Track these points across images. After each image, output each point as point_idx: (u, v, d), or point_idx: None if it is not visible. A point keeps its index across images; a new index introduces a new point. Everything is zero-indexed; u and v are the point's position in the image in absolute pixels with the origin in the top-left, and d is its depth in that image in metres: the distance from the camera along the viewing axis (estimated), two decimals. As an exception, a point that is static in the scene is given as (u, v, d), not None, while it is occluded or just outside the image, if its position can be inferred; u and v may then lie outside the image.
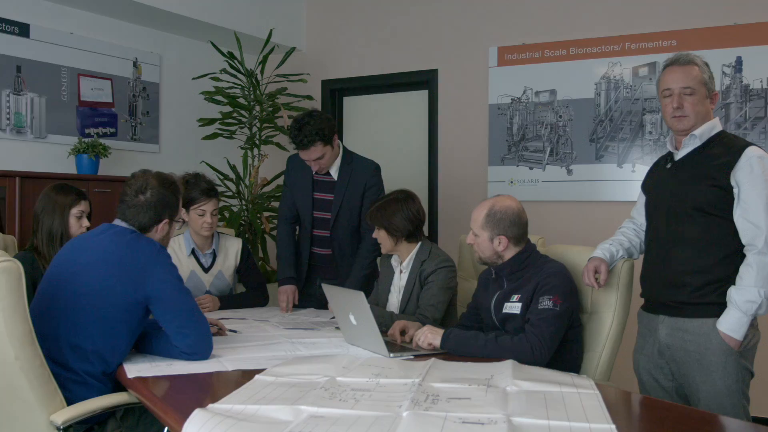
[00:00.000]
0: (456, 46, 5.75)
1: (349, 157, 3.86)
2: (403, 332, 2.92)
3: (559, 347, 2.67)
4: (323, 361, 2.43)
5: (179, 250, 3.77)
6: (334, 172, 3.80)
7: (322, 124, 3.60)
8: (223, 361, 2.53)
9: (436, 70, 5.83)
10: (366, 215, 3.49)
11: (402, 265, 3.45)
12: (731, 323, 2.52)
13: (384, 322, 3.09)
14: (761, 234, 2.49)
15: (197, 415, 1.75)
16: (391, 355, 2.57)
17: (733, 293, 2.52)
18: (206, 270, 3.81)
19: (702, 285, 2.60)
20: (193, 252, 3.79)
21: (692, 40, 4.85)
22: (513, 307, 2.78)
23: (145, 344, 2.65)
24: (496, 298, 2.89)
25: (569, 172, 5.28)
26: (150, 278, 2.47)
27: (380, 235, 3.40)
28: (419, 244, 3.42)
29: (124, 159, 5.31)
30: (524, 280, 2.82)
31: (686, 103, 2.65)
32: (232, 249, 3.92)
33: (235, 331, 3.12)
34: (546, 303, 2.65)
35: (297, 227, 4.02)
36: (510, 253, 2.87)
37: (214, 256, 3.85)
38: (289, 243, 3.94)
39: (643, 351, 2.82)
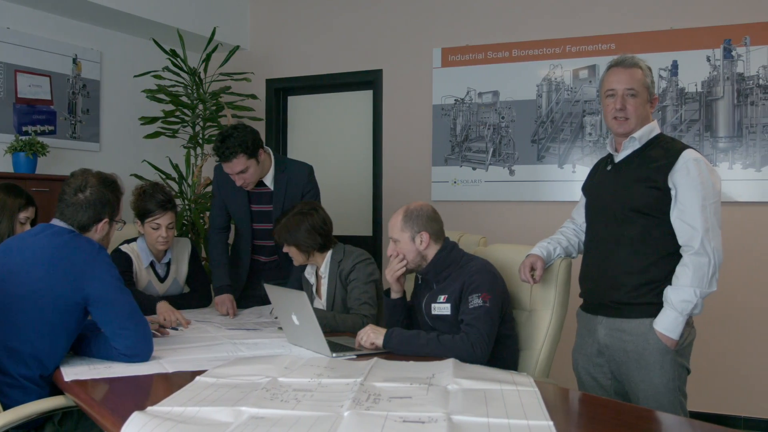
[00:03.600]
0: (400, 47, 5.78)
1: (282, 164, 3.81)
2: None
3: (495, 344, 2.71)
4: (265, 362, 2.43)
5: (137, 261, 3.69)
6: (270, 182, 3.75)
7: (246, 136, 3.53)
8: (163, 362, 2.50)
9: (381, 70, 5.85)
10: (273, 233, 3.45)
11: (320, 272, 3.46)
12: (667, 323, 2.57)
13: (327, 322, 3.09)
14: (697, 235, 2.54)
15: (136, 417, 1.73)
16: (334, 355, 2.58)
17: (669, 293, 2.58)
18: (162, 280, 3.77)
19: (639, 285, 2.65)
20: (150, 264, 3.73)
21: (630, 43, 4.96)
22: (442, 308, 2.82)
23: (83, 346, 2.60)
24: (426, 299, 2.92)
25: (511, 172, 5.35)
26: (89, 279, 2.43)
27: (291, 251, 3.39)
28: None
29: (63, 158, 5.20)
30: (450, 279, 2.85)
31: (629, 105, 2.69)
32: (184, 255, 3.88)
33: (176, 329, 3.10)
34: (476, 301, 2.69)
35: (229, 234, 4.00)
36: (432, 251, 2.90)
37: (169, 265, 3.81)
38: (223, 251, 3.91)
39: (582, 351, 2.87)
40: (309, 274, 3.53)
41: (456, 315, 2.77)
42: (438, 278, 2.91)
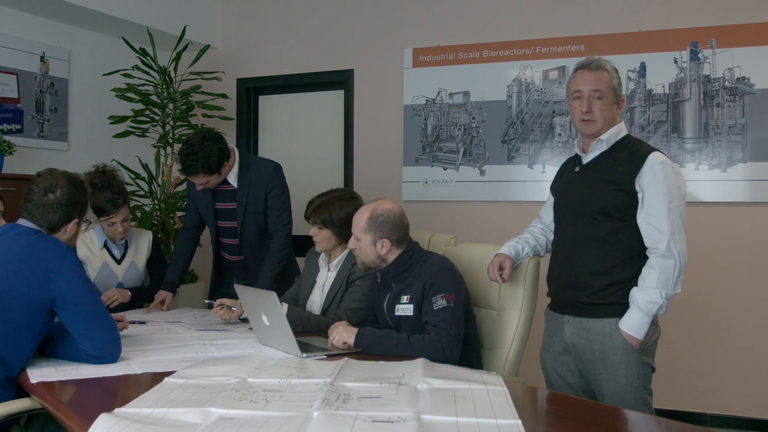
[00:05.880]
0: (372, 47, 5.79)
1: (247, 161, 3.80)
2: None
3: None
4: (235, 363, 2.42)
5: (91, 243, 3.74)
6: (233, 180, 3.75)
7: (211, 157, 3.51)
8: (131, 363, 2.48)
9: (352, 70, 5.85)
10: (309, 212, 3.32)
11: (331, 264, 3.39)
12: (633, 323, 2.61)
13: (301, 322, 3.08)
14: (663, 238, 2.58)
15: (102, 419, 1.71)
16: (304, 355, 2.57)
17: (635, 294, 2.61)
18: (118, 261, 3.77)
19: (605, 286, 2.68)
20: (105, 244, 3.76)
21: (599, 45, 5.01)
22: (405, 309, 2.82)
23: (50, 348, 2.57)
24: (387, 300, 2.92)
25: (482, 172, 5.37)
26: (56, 279, 2.41)
27: (322, 234, 3.28)
28: None
29: (30, 157, 5.13)
30: (411, 279, 2.85)
31: (595, 108, 2.71)
32: (143, 241, 3.91)
33: (143, 323, 3.10)
34: (440, 302, 2.69)
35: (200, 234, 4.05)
36: (393, 255, 2.89)
37: (126, 247, 3.82)
38: (185, 249, 3.96)
39: (550, 349, 2.89)
40: (323, 260, 3.44)
41: (419, 315, 2.77)
42: (397, 279, 2.90)
